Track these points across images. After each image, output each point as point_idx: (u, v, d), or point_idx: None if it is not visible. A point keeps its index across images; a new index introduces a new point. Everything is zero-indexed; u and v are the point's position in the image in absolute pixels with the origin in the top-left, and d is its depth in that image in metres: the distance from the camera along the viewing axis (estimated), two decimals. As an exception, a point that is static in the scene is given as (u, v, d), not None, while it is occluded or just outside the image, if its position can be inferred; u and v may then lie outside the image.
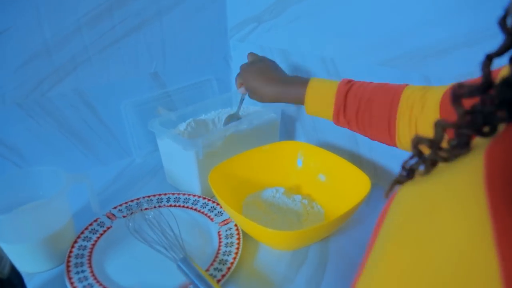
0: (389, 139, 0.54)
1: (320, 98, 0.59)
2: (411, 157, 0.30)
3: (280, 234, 0.57)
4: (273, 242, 0.61)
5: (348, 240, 0.65)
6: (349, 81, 0.58)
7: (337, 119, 0.58)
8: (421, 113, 0.49)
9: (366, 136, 0.58)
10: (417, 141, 0.29)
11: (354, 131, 0.59)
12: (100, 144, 0.88)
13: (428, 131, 0.48)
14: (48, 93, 0.78)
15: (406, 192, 0.28)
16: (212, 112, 0.87)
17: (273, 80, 0.62)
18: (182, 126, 0.79)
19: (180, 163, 0.77)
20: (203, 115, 0.87)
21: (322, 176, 0.74)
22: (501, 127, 0.25)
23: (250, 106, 0.89)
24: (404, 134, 0.52)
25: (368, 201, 0.68)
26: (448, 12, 0.62)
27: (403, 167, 0.30)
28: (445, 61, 0.64)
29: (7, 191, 0.62)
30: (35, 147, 0.79)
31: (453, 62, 0.62)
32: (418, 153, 0.29)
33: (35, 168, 0.64)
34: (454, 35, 0.61)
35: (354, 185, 0.65)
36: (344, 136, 0.82)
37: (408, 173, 0.29)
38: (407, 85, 0.54)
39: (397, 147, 0.55)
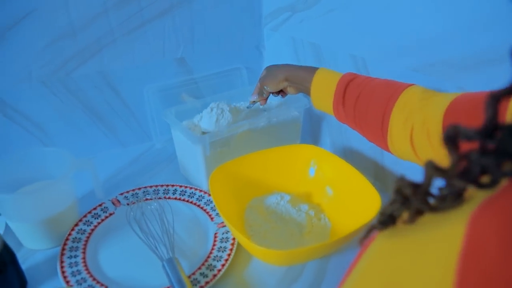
0: (382, 139, 0.51)
1: (324, 86, 0.58)
2: (392, 202, 0.26)
3: (269, 253, 0.54)
4: (263, 258, 0.58)
5: (350, 259, 0.61)
6: (353, 73, 0.57)
7: (336, 111, 0.57)
8: (421, 122, 0.45)
9: (363, 135, 0.55)
10: (401, 184, 0.25)
11: (353, 129, 0.57)
12: (121, 126, 0.89)
13: (424, 144, 0.44)
14: (72, 73, 0.79)
15: (380, 247, 0.26)
16: (241, 102, 0.84)
17: (288, 65, 0.65)
18: (197, 118, 0.76)
19: (189, 157, 0.76)
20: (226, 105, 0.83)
21: (330, 190, 0.70)
22: (504, 181, 0.21)
23: (273, 102, 0.85)
24: (399, 138, 0.48)
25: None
26: (494, 19, 0.52)
27: (383, 213, 0.27)
28: (485, 74, 0.54)
29: (14, 169, 0.64)
30: (58, 125, 0.81)
31: (494, 76, 0.53)
32: (402, 198, 0.25)
33: (42, 148, 0.65)
34: (499, 46, 0.52)
35: (365, 202, 0.61)
36: (370, 143, 0.76)
37: (388, 220, 0.26)
38: (413, 84, 0.50)
39: (390, 152, 0.51)
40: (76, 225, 0.66)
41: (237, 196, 0.68)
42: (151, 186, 0.75)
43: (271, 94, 0.71)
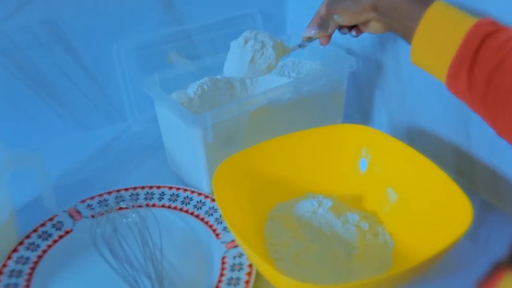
0: None
1: (441, 32, 0.54)
2: None
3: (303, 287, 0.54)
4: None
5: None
6: (494, 23, 0.52)
7: (454, 78, 0.54)
8: None
9: (493, 126, 0.53)
10: None
11: (474, 111, 0.55)
12: (81, 101, 0.88)
13: None
14: (3, 25, 0.77)
15: None
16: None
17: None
18: (192, 88, 0.76)
19: (182, 145, 0.75)
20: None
21: (392, 192, 0.70)
22: None
23: (303, 61, 0.85)
24: None
25: (472, 236, 0.64)
26: None
27: None
28: None
29: None
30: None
31: None
32: None
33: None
34: None
35: (446, 210, 0.61)
36: (450, 120, 0.76)
37: None
38: None
39: None
40: (15, 250, 0.64)
41: (254, 201, 0.68)
42: (126, 189, 0.74)
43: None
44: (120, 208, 0.71)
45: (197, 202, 0.72)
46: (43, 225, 0.67)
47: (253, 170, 0.69)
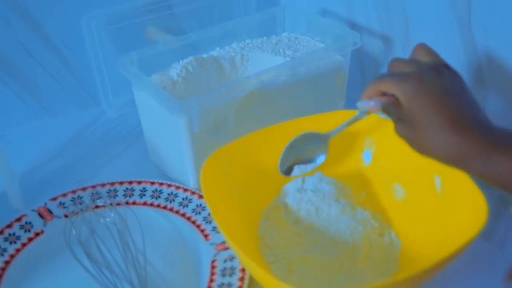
0: None
1: None
2: None
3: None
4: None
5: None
6: None
7: None
8: None
9: None
10: None
11: None
12: (47, 83, 0.88)
13: None
14: None
15: None
16: (236, 43, 0.85)
17: (463, 127, 0.54)
18: (175, 70, 0.76)
19: (165, 134, 0.75)
20: (218, 48, 0.83)
21: (399, 188, 0.71)
22: None
23: (300, 37, 0.85)
24: None
25: (487, 235, 0.64)
26: None
27: None
28: None
29: None
30: None
31: None
32: None
33: None
34: None
35: (459, 207, 0.62)
36: None
37: None
38: None
39: None
40: None
41: (247, 198, 0.68)
42: (103, 185, 0.75)
43: None
44: (97, 207, 0.71)
45: (183, 199, 0.72)
46: (9, 226, 0.68)
47: (245, 162, 0.69)
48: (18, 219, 0.69)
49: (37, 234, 0.68)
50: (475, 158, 0.53)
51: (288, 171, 0.68)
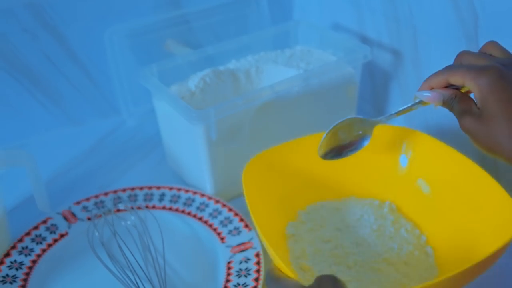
0: None
1: None
2: None
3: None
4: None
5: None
6: None
7: None
8: None
9: None
10: None
11: None
12: (70, 93, 0.89)
13: None
14: None
15: None
16: (251, 56, 0.85)
17: None
18: (193, 81, 0.77)
19: (183, 142, 0.76)
20: (234, 60, 0.84)
21: (425, 185, 0.71)
22: None
23: (313, 50, 0.86)
24: None
25: None
26: None
27: None
28: None
29: None
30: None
31: None
32: None
33: None
34: None
35: (491, 217, 0.61)
36: None
37: None
38: None
39: None
40: (7, 255, 0.66)
41: (280, 204, 0.69)
42: (124, 190, 0.76)
43: None
44: (118, 210, 0.73)
45: (200, 203, 0.74)
46: (36, 228, 0.69)
47: (284, 168, 0.69)
48: (44, 222, 0.70)
49: (62, 236, 0.69)
50: None
51: (327, 155, 0.62)
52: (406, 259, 0.64)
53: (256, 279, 0.62)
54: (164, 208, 0.74)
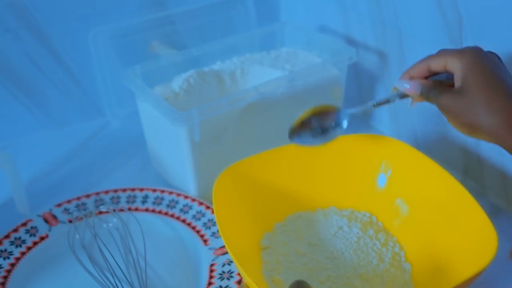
0: None
1: None
2: None
3: None
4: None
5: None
6: None
7: None
8: None
9: None
10: None
11: None
12: (54, 95, 0.89)
13: None
14: None
15: None
16: (237, 57, 0.85)
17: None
18: (177, 82, 0.77)
19: (167, 144, 0.76)
20: (219, 62, 0.84)
21: (403, 205, 0.70)
22: None
23: (299, 52, 0.86)
24: None
25: None
26: None
27: None
28: None
29: None
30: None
31: None
32: None
33: None
34: None
35: (470, 239, 0.61)
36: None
37: None
38: None
39: None
40: None
41: (256, 215, 0.68)
42: (106, 192, 0.76)
43: None
44: (100, 212, 0.73)
45: (183, 205, 0.73)
46: (15, 230, 0.69)
47: (257, 179, 0.69)
48: (24, 224, 0.70)
49: (42, 238, 0.69)
50: None
51: (294, 138, 0.63)
52: (383, 275, 0.63)
53: (239, 282, 0.62)
54: (147, 210, 0.74)
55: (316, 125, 0.63)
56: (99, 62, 0.88)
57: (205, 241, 0.69)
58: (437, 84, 0.56)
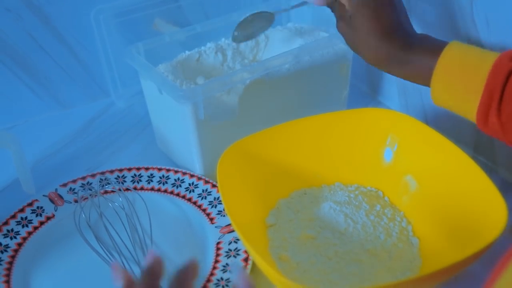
0: None
1: (460, 77, 0.58)
2: None
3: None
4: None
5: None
6: None
7: (484, 119, 0.57)
8: None
9: None
10: None
11: (509, 145, 0.57)
12: (58, 75, 0.89)
13: None
14: None
15: None
16: None
17: (390, 34, 0.63)
18: (181, 59, 0.77)
19: (172, 122, 0.77)
20: (224, 38, 0.83)
21: (412, 180, 0.70)
22: None
23: (305, 27, 0.85)
24: None
25: None
26: None
27: None
28: None
29: None
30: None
31: None
32: None
33: None
34: None
35: (478, 212, 0.62)
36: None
37: None
38: None
39: None
40: None
41: (261, 191, 0.69)
42: (112, 171, 0.77)
43: None
44: (106, 192, 0.73)
45: (189, 184, 0.74)
46: (21, 210, 0.70)
47: (262, 156, 0.69)
48: (30, 204, 0.71)
49: (48, 218, 0.70)
50: (395, 59, 0.62)
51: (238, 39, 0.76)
52: (390, 250, 0.64)
53: (246, 259, 0.63)
54: (152, 189, 0.75)
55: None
56: (102, 41, 0.88)
57: (211, 219, 0.70)
58: (339, 1, 0.65)
